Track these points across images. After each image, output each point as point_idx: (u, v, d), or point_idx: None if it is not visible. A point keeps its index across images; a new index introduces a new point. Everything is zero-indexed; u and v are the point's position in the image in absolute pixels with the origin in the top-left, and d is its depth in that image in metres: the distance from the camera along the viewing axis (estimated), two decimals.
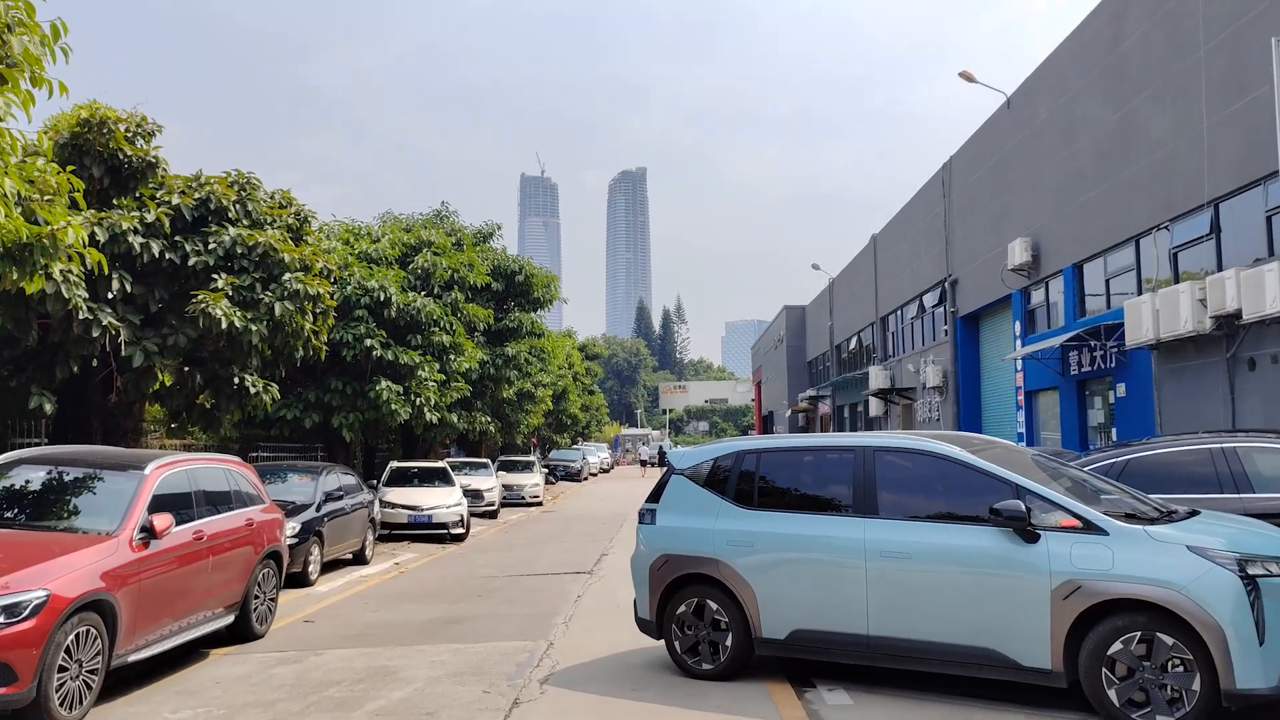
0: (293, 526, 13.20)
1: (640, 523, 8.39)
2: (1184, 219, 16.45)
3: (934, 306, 32.08)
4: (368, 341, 17.05)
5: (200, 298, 11.26)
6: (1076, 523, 6.46)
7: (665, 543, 8.05)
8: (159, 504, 8.04)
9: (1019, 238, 22.75)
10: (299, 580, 13.33)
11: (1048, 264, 22.05)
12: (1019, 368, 23.89)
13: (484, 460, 29.28)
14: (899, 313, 37.25)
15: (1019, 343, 23.81)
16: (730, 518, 7.77)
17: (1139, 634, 6.08)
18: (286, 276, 11.98)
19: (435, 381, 18.79)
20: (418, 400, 18.21)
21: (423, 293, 18.83)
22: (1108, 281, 19.39)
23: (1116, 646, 6.11)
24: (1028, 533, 6.49)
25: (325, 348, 14.65)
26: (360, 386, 17.59)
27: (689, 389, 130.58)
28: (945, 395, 30.19)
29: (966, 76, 24.52)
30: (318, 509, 14.09)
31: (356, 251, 18.45)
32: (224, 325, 11.14)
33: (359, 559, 16.09)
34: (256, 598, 9.69)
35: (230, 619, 9.22)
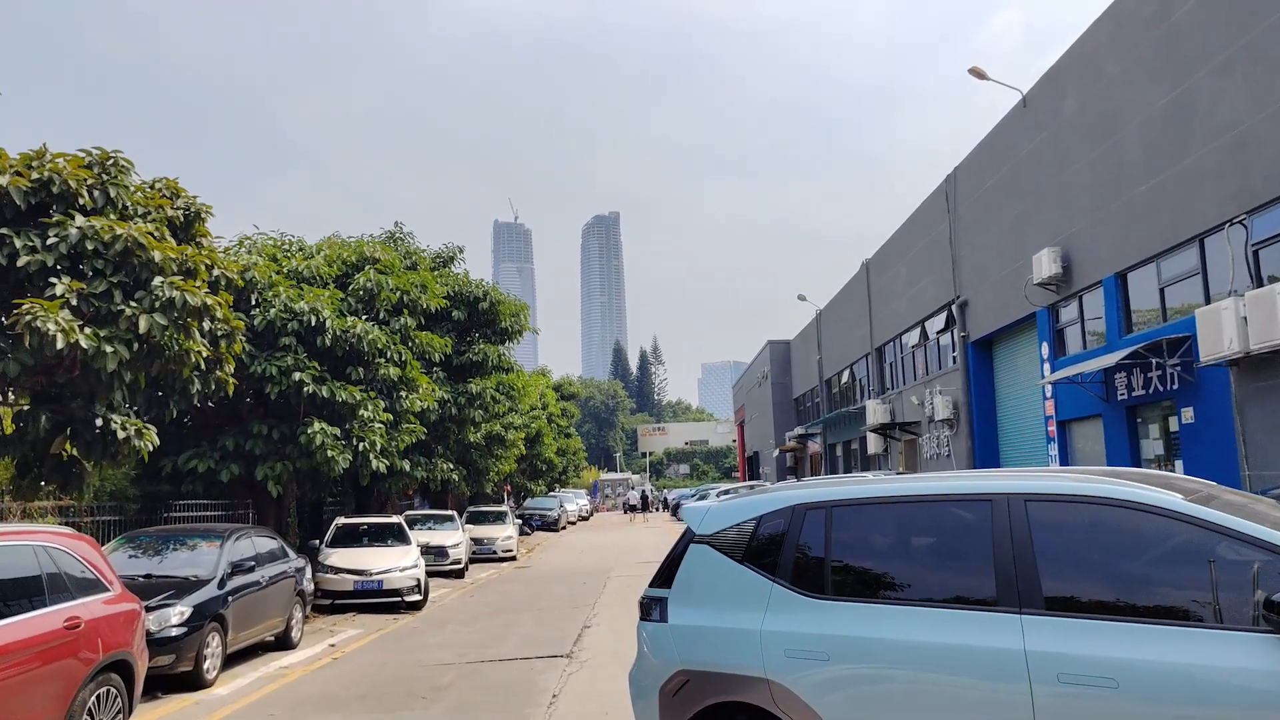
0: (180, 612, 10.16)
1: (644, 618, 5.50)
2: (1265, 210, 13.88)
3: (939, 333, 29.47)
4: (297, 375, 14.10)
5: (25, 307, 8.32)
6: None
7: (684, 651, 5.16)
8: None
9: (1045, 248, 20.18)
10: (191, 682, 10.25)
11: (1081, 276, 19.46)
12: (1048, 394, 21.20)
13: (448, 512, 26.14)
14: (897, 342, 34.64)
15: (1047, 367, 21.15)
16: (789, 611, 4.91)
17: None
18: (158, 282, 9.04)
19: (382, 423, 15.82)
20: (360, 445, 15.22)
21: (365, 317, 15.87)
22: (1162, 290, 16.78)
23: None
24: None
25: (233, 381, 11.69)
26: (290, 430, 14.62)
27: (668, 431, 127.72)
28: (957, 428, 27.46)
29: (977, 73, 22.12)
30: (220, 585, 11.03)
31: (284, 269, 15.52)
32: (60, 345, 8.16)
33: (283, 642, 12.98)
34: None
35: None
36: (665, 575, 5.44)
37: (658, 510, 71.96)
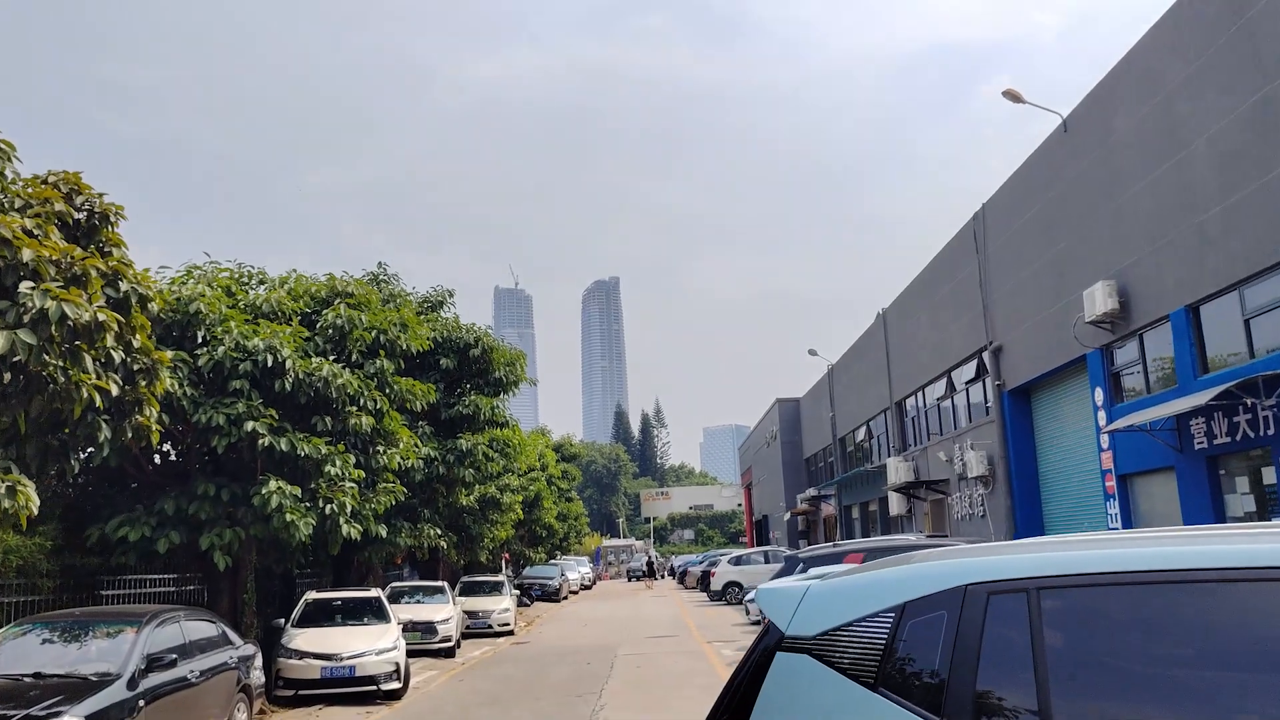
0: None
1: None
2: None
3: (969, 383, 27.35)
4: (249, 425, 11.93)
5: None
6: None
7: None
8: None
9: (1099, 282, 18.13)
10: None
11: (1142, 311, 17.40)
12: (1105, 445, 18.98)
13: (438, 584, 23.70)
14: (920, 395, 32.49)
15: (1102, 415, 18.98)
16: None
17: None
18: (26, 289, 6.91)
19: (354, 481, 13.61)
20: (328, 508, 13.00)
21: (334, 359, 13.71)
22: (1248, 322, 14.68)
23: None
24: None
25: (157, 428, 9.53)
26: (243, 490, 12.42)
27: (672, 495, 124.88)
28: (993, 485, 25.17)
29: (1013, 96, 20.33)
30: (131, 684, 8.73)
31: (240, 303, 13.41)
32: None
33: None
34: None
35: None
36: (734, 707, 3.23)
37: (663, 577, 69.16)
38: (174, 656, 9.29)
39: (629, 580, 66.38)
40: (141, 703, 8.69)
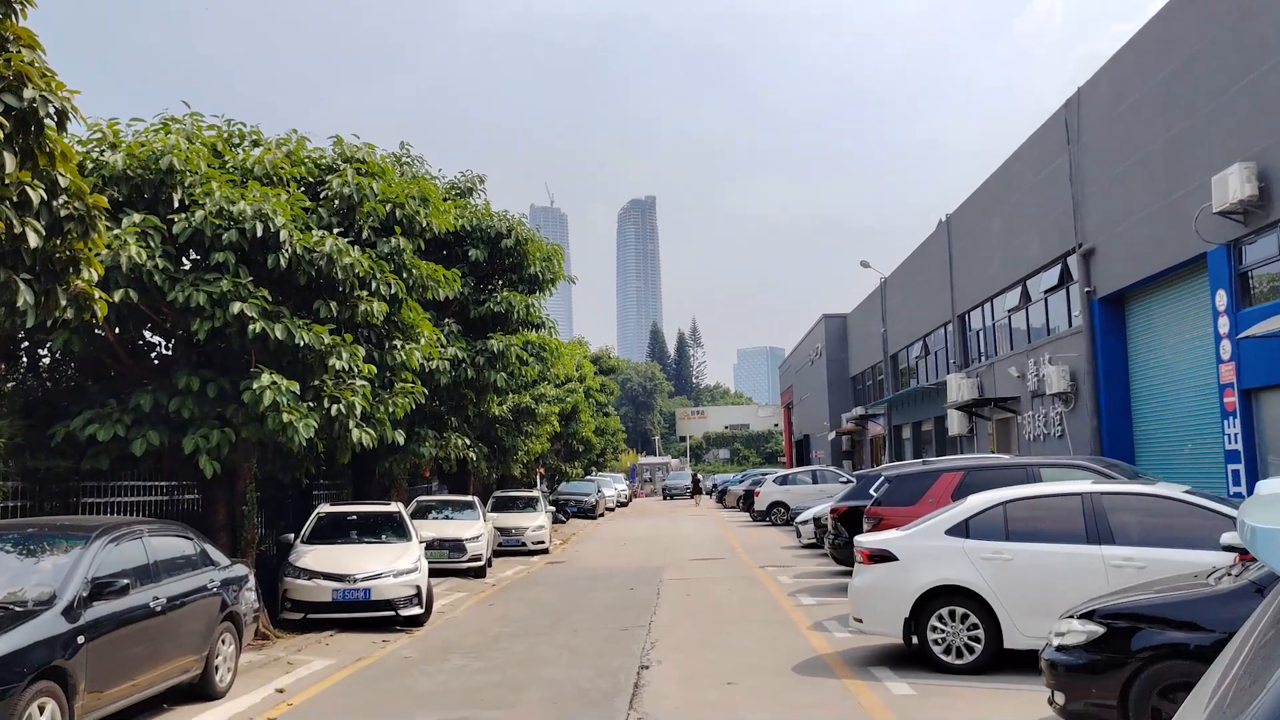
0: None
1: None
2: None
3: (1048, 291, 24.83)
4: (236, 307, 9.95)
5: None
6: None
7: None
8: None
9: (1237, 164, 15.49)
10: None
11: None
12: (1226, 356, 16.57)
13: (468, 498, 22.00)
14: (988, 306, 29.98)
15: (1224, 321, 16.53)
16: None
17: None
18: None
19: (366, 379, 11.65)
20: (334, 409, 11.07)
21: (339, 232, 11.54)
22: None
23: None
24: None
25: (102, 297, 7.52)
26: (233, 386, 10.50)
27: (708, 414, 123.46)
28: (1075, 403, 22.86)
29: None
30: (70, 614, 6.90)
31: (228, 164, 11.25)
32: None
33: (202, 690, 8.84)
34: None
35: None
36: None
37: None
38: (126, 582, 7.41)
39: (664, 499, 64.94)
40: (81, 638, 6.84)
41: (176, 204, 10.37)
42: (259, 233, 10.24)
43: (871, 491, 15.41)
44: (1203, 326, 17.63)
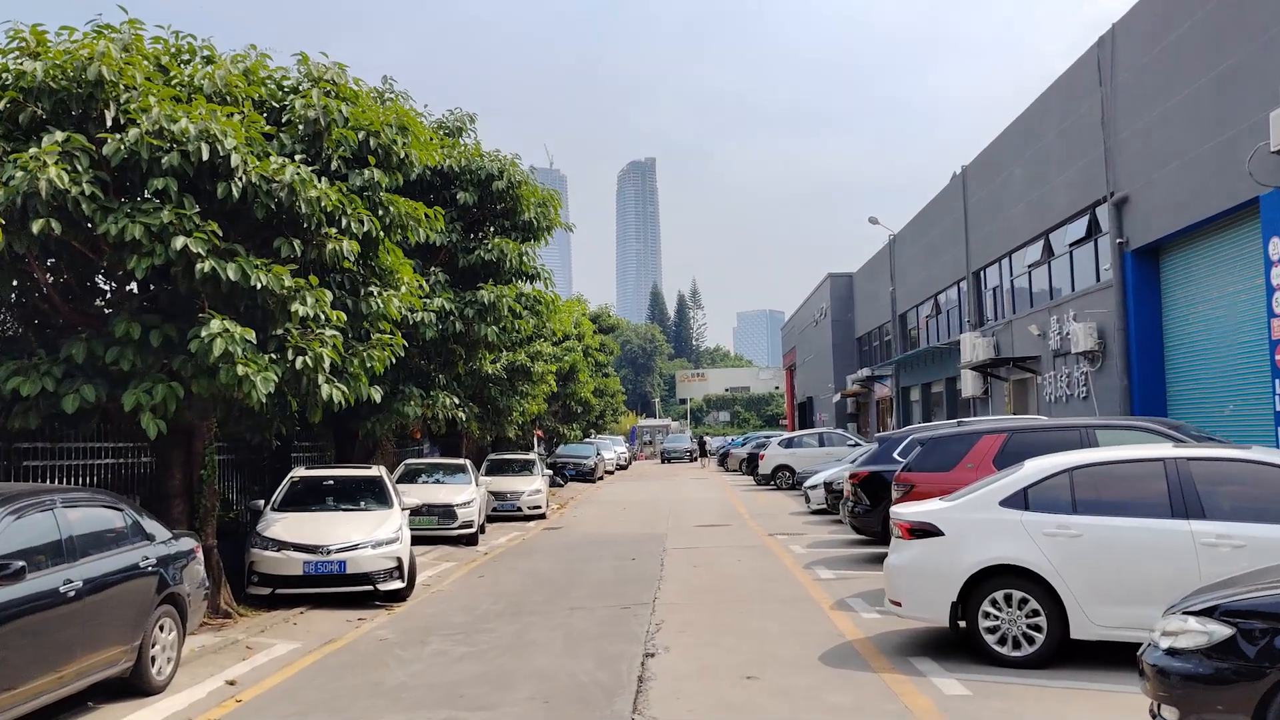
0: None
1: None
2: None
3: (1074, 244, 23.43)
4: (180, 241, 8.57)
5: None
6: None
7: None
8: None
9: None
10: None
11: None
12: (1278, 311, 15.24)
13: (460, 461, 20.80)
14: (1006, 262, 28.58)
15: (1277, 270, 15.17)
16: None
17: None
18: None
19: (336, 328, 10.32)
20: (299, 361, 9.75)
21: (302, 159, 10.08)
22: None
23: None
24: None
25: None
26: (180, 333, 9.18)
27: (708, 377, 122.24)
28: (1102, 362, 21.54)
29: None
30: None
31: (174, 80, 9.80)
32: None
33: (136, 685, 7.60)
34: None
35: None
36: None
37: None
38: (22, 564, 6.13)
39: (663, 462, 63.75)
40: None
41: (110, 123, 8.94)
42: (205, 156, 8.83)
43: (897, 455, 14.15)
44: (1251, 278, 16.27)
